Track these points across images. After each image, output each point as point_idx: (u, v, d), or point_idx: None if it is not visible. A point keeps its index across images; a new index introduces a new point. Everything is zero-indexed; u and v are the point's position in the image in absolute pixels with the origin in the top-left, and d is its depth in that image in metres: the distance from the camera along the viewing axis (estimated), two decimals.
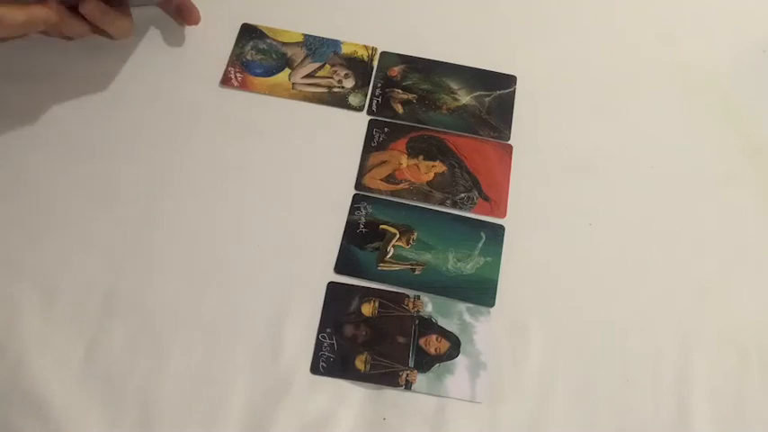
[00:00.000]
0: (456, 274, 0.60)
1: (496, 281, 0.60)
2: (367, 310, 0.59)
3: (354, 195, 0.63)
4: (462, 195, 0.64)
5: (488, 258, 0.61)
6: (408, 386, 0.56)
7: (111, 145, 0.63)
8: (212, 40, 0.70)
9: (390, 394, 0.56)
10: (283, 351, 0.57)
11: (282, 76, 0.69)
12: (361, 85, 0.69)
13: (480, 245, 0.62)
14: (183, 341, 0.56)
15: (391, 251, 0.61)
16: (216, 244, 0.60)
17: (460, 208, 0.63)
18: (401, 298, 0.59)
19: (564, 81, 0.70)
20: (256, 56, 0.70)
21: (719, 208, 0.65)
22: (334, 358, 0.57)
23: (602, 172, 0.66)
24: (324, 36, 0.71)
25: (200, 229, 0.61)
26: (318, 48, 0.70)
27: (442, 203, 0.63)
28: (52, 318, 0.56)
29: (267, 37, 0.71)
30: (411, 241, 0.62)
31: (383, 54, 0.71)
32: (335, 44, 0.71)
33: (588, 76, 0.71)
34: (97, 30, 0.57)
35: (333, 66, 0.70)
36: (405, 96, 0.68)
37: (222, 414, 0.54)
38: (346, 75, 0.69)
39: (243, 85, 0.68)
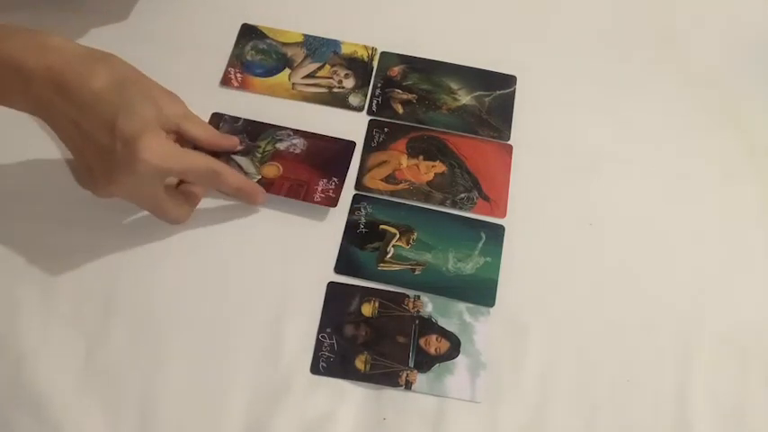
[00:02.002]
0: (456, 274, 0.60)
1: (496, 281, 0.60)
2: (367, 310, 0.59)
3: (354, 195, 0.63)
4: (462, 195, 0.64)
5: (488, 258, 0.61)
6: (408, 386, 0.56)
7: None
8: (212, 40, 0.70)
9: (390, 394, 0.56)
10: (283, 351, 0.57)
11: (282, 76, 0.69)
12: (361, 85, 0.69)
13: (480, 245, 0.62)
14: (183, 341, 0.56)
15: (391, 251, 0.61)
16: (216, 244, 0.60)
17: (460, 208, 0.63)
18: (401, 298, 0.59)
19: (564, 81, 0.70)
20: (256, 56, 0.70)
21: (719, 207, 0.65)
22: (334, 358, 0.57)
23: (602, 172, 0.66)
24: (324, 36, 0.71)
25: (200, 229, 0.61)
26: (318, 48, 0.70)
27: (441, 203, 0.63)
28: (52, 318, 0.56)
29: (267, 37, 0.71)
30: (411, 241, 0.62)
31: (383, 54, 0.71)
32: (335, 44, 0.71)
33: (588, 75, 0.71)
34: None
35: (333, 66, 0.70)
36: (405, 96, 0.69)
37: (222, 414, 0.54)
38: (346, 75, 0.69)
39: (243, 86, 0.68)
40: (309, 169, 0.64)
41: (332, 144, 0.65)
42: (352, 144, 0.65)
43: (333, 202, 0.62)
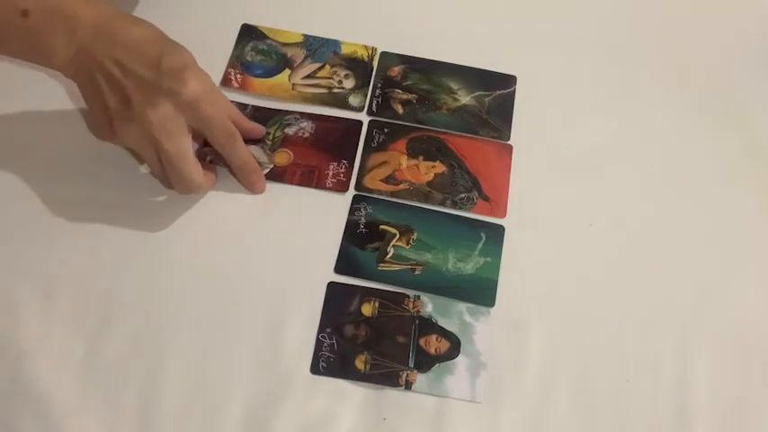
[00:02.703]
0: (456, 274, 0.60)
1: (496, 281, 0.60)
2: (367, 310, 0.59)
3: (354, 196, 0.63)
4: (462, 195, 0.64)
5: (488, 258, 0.61)
6: (408, 386, 0.56)
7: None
8: (212, 40, 0.70)
9: (390, 394, 0.56)
10: (283, 351, 0.57)
11: (282, 77, 0.69)
12: (361, 85, 0.69)
13: (480, 245, 0.62)
14: (183, 341, 0.56)
15: (391, 251, 0.61)
16: (215, 244, 0.60)
17: (460, 208, 0.63)
18: (401, 298, 0.59)
19: (564, 81, 0.70)
20: (256, 57, 0.70)
21: (720, 208, 0.65)
22: (334, 358, 0.57)
23: (602, 172, 0.66)
24: (324, 36, 0.71)
25: (200, 229, 0.61)
26: (318, 48, 0.70)
27: (441, 204, 0.63)
28: (52, 318, 0.56)
29: (267, 37, 0.71)
30: (411, 241, 0.62)
31: (383, 54, 0.71)
32: (335, 44, 0.71)
33: (588, 75, 0.71)
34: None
35: (333, 66, 0.70)
36: (405, 96, 0.69)
37: (222, 414, 0.54)
38: (346, 75, 0.69)
39: (243, 87, 0.68)
40: (319, 153, 0.65)
41: (338, 125, 0.66)
42: (358, 123, 0.66)
43: (344, 186, 0.63)
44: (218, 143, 0.59)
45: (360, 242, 0.61)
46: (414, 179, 0.64)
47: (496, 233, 0.62)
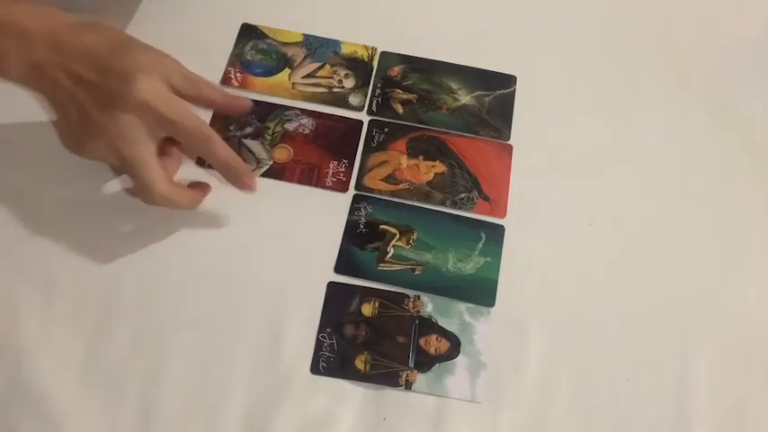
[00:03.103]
0: (456, 275, 0.60)
1: (496, 281, 0.60)
2: (367, 310, 0.59)
3: (354, 195, 0.63)
4: (462, 195, 0.64)
5: (488, 258, 0.61)
6: (408, 386, 0.56)
7: None
8: (212, 40, 0.70)
9: (390, 394, 0.56)
10: (283, 351, 0.57)
11: (282, 76, 0.69)
12: (361, 85, 0.69)
13: (480, 245, 0.62)
14: (183, 341, 0.56)
15: (391, 251, 0.61)
16: (216, 243, 0.60)
17: (460, 208, 0.63)
18: (401, 298, 0.59)
19: (564, 81, 0.70)
20: (256, 56, 0.70)
21: (720, 208, 0.65)
22: (334, 358, 0.57)
23: (602, 172, 0.66)
24: (324, 36, 0.71)
25: (199, 229, 0.61)
26: (318, 48, 0.70)
27: (441, 204, 0.63)
28: (52, 318, 0.56)
29: (267, 37, 0.71)
30: (411, 241, 0.62)
31: (383, 54, 0.71)
32: (335, 44, 0.71)
33: (588, 75, 0.71)
34: None
35: (333, 66, 0.70)
36: (405, 96, 0.68)
37: (222, 414, 0.54)
38: (346, 75, 0.69)
39: (243, 86, 0.68)
40: (319, 151, 0.65)
41: (340, 123, 0.66)
42: (359, 123, 0.66)
43: (344, 186, 0.63)
44: (191, 149, 0.57)
45: (360, 242, 0.61)
46: (414, 179, 0.64)
47: (496, 233, 0.62)
